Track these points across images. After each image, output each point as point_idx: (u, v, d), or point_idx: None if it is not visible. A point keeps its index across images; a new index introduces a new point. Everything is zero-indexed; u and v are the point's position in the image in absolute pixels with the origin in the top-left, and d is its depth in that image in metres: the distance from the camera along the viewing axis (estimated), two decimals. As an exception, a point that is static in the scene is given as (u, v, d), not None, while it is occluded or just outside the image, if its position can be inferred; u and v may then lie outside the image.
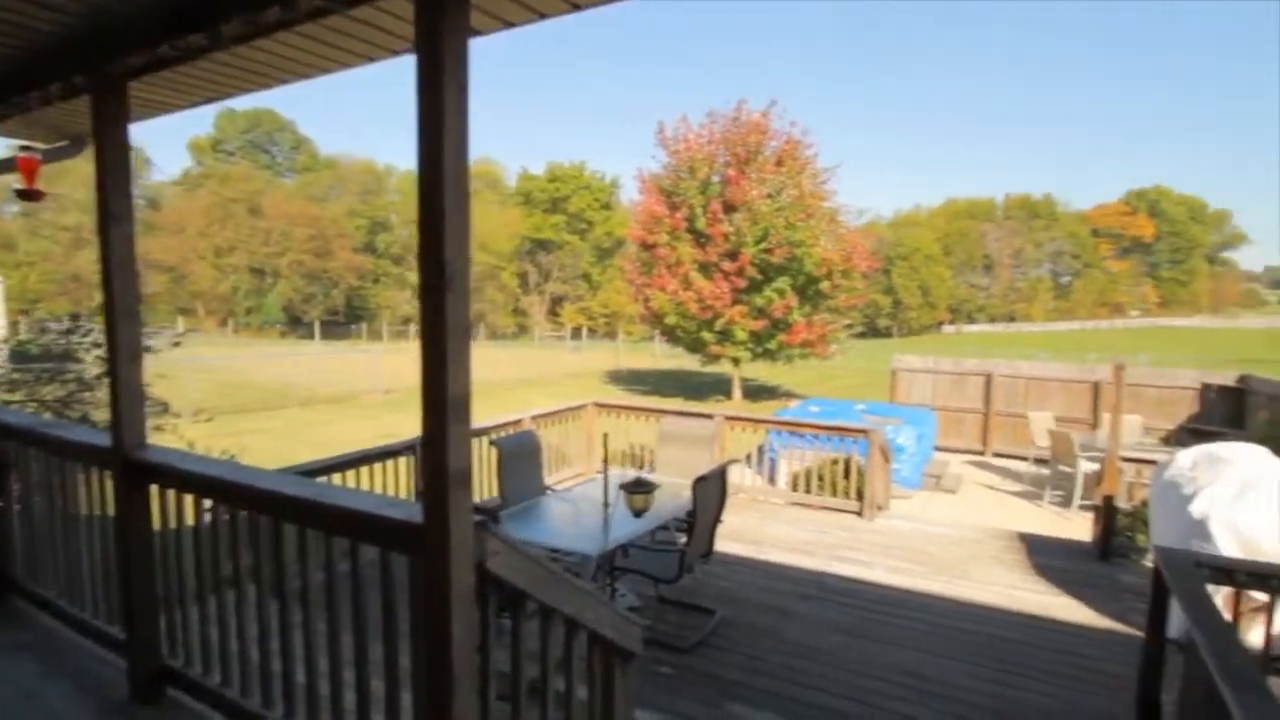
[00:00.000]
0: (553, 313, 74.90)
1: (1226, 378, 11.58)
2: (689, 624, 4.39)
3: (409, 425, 6.36)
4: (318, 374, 22.78)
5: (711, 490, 4.10)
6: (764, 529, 6.21)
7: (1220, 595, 3.35)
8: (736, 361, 19.82)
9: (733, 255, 17.32)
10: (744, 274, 17.25)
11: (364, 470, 5.09)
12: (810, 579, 5.10)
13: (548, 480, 6.85)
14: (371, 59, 2.29)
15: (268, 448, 12.22)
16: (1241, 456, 4.19)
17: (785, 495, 7.06)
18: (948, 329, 78.01)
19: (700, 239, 17.99)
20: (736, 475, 7.51)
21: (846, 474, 6.68)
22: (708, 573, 5.12)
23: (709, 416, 6.96)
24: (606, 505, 4.46)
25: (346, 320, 54.67)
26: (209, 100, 2.90)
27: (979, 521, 8.16)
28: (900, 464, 9.60)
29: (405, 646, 1.85)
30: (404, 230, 58.53)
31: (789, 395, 21.77)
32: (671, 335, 19.37)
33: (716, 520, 4.35)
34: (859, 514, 6.50)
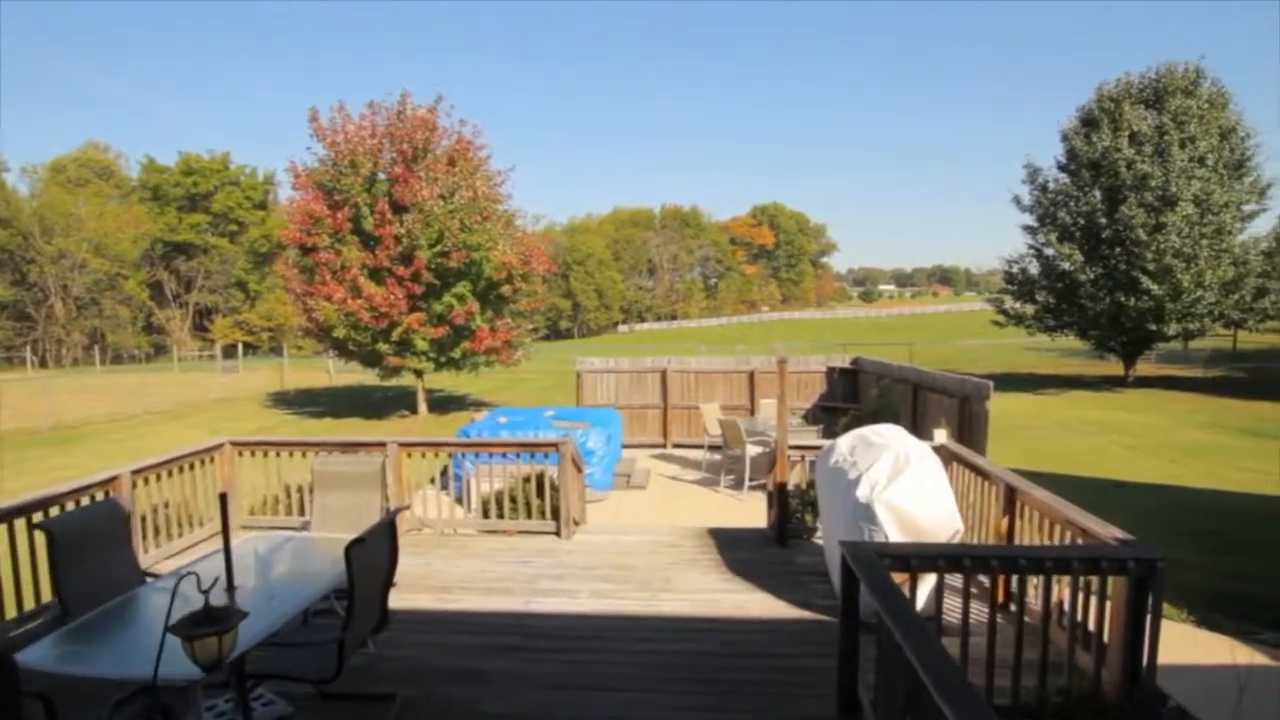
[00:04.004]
0: (200, 328, 63.73)
1: (844, 361, 13.75)
2: (361, 721, 3.45)
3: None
4: None
5: (375, 553, 3.22)
6: (454, 569, 5.42)
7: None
8: (420, 373, 18.48)
9: (406, 259, 15.97)
10: (420, 279, 16.01)
11: None
12: (509, 625, 4.46)
13: (151, 559, 5.23)
14: None
15: None
16: (889, 438, 4.58)
17: (477, 523, 6.34)
18: (622, 328, 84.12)
19: (369, 241, 16.29)
20: (420, 507, 6.59)
21: (540, 491, 6.19)
22: (387, 642, 4.19)
23: (380, 445, 5.93)
24: (230, 590, 3.31)
25: None
26: None
27: (671, 517, 8.35)
28: (592, 468, 9.50)
29: None
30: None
31: (478, 405, 21.02)
32: (342, 349, 17.27)
33: (387, 585, 3.48)
34: (557, 534, 6.05)
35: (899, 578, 3.48)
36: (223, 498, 3.22)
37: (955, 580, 4.64)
